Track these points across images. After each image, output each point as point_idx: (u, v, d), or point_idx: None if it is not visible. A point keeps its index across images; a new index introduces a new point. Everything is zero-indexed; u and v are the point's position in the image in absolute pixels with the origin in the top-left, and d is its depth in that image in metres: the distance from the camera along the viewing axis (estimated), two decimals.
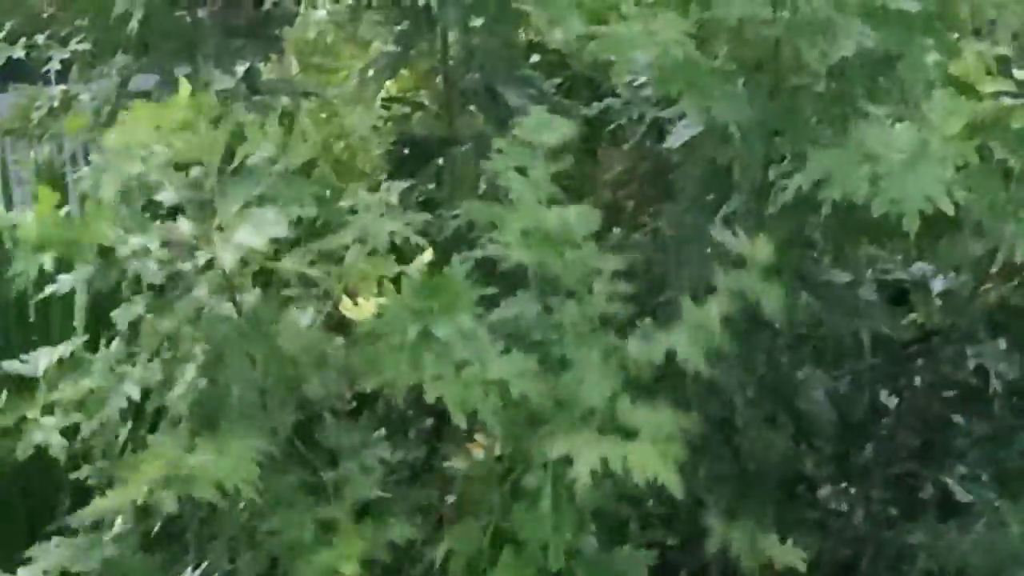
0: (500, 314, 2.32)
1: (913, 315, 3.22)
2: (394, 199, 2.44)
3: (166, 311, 2.36)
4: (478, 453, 2.45)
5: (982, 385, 3.00)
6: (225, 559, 2.44)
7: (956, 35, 2.66)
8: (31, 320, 3.12)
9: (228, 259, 2.26)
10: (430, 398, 2.25)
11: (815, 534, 2.96)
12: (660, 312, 2.65)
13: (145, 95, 3.39)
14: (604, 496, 2.38)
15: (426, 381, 2.22)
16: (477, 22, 3.05)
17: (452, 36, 3.05)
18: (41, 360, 2.54)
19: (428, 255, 2.39)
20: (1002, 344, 3.01)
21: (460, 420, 2.30)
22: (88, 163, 2.84)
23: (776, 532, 2.79)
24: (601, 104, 3.07)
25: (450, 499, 2.59)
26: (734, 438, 2.77)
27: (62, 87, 3.40)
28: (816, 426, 2.77)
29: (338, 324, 2.42)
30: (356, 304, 2.31)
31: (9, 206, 3.34)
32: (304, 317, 2.37)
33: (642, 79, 2.65)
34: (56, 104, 3.40)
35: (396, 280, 2.37)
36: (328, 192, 2.47)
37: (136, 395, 2.42)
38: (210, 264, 2.34)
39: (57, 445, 2.44)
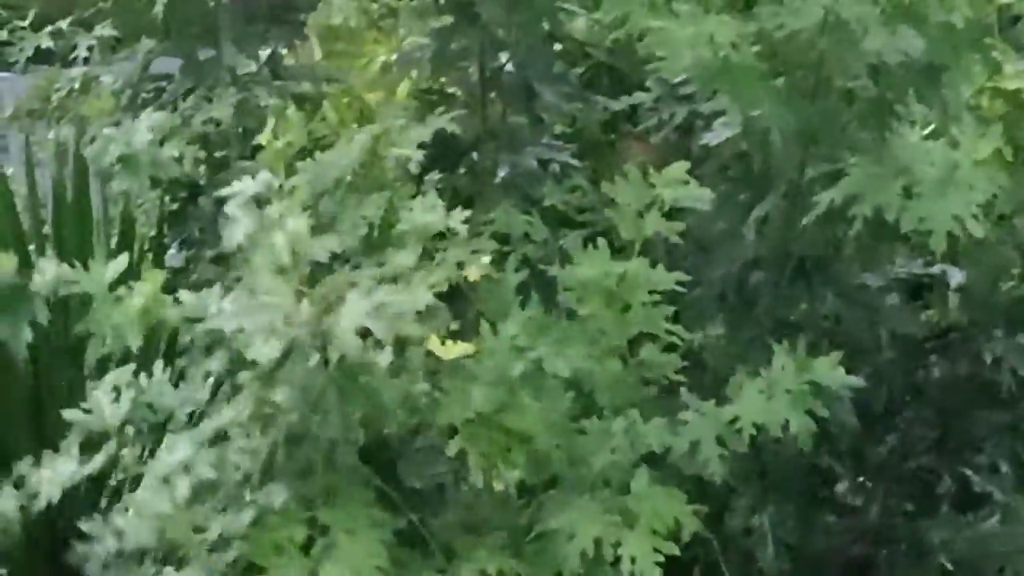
0: (543, 352, 2.31)
1: (930, 311, 3.26)
2: (458, 224, 2.41)
3: (270, 381, 2.30)
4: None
5: (999, 380, 3.04)
6: None
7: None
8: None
9: (353, 346, 2.20)
10: (451, 451, 2.30)
11: (837, 530, 3.00)
12: (686, 313, 2.70)
13: (167, 78, 3.43)
14: None
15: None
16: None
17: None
18: (106, 410, 2.50)
19: (483, 264, 2.38)
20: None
21: (478, 478, 2.34)
22: None
23: (799, 528, 2.85)
24: (629, 98, 3.07)
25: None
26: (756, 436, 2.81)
27: (82, 69, 3.41)
28: (837, 423, 2.79)
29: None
30: (444, 344, 2.30)
31: (33, 190, 3.33)
32: (383, 357, 2.34)
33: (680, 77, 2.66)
34: (76, 86, 3.41)
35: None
36: (383, 210, 2.47)
37: (248, 465, 2.36)
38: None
39: (188, 537, 2.32)
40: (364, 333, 2.21)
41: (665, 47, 2.32)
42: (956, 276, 3.06)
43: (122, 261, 2.39)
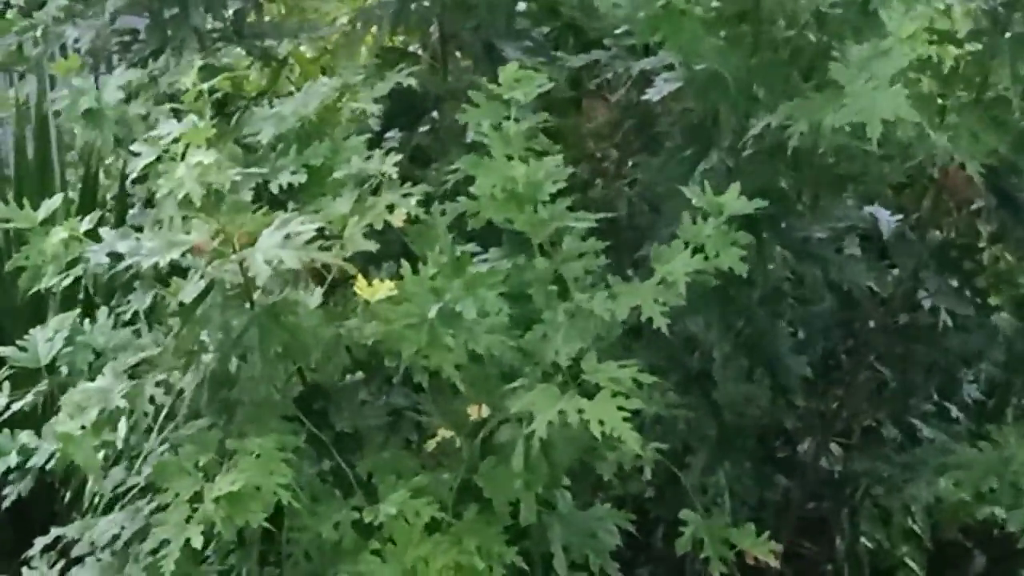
0: (455, 295, 2.46)
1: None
2: (390, 167, 2.61)
3: (191, 316, 2.51)
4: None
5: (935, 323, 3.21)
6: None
7: None
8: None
9: (263, 274, 2.40)
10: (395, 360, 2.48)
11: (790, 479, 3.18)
12: (640, 266, 2.88)
13: (132, 33, 3.59)
14: (578, 451, 2.55)
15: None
16: None
17: None
18: (40, 348, 2.70)
19: (409, 207, 2.58)
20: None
21: (422, 377, 2.52)
22: None
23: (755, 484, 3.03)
24: (588, 56, 3.23)
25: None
26: (711, 391, 2.99)
27: (43, 22, 3.52)
28: (789, 377, 2.98)
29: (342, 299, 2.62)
30: (369, 284, 2.47)
31: None
32: (312, 299, 2.53)
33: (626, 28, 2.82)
34: (39, 35, 3.53)
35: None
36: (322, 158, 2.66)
37: (160, 397, 2.57)
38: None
39: (91, 459, 2.53)
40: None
41: None
42: (887, 222, 3.24)
43: (55, 201, 2.59)
